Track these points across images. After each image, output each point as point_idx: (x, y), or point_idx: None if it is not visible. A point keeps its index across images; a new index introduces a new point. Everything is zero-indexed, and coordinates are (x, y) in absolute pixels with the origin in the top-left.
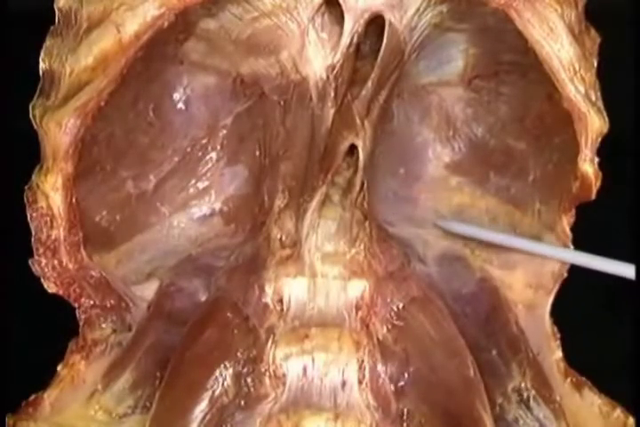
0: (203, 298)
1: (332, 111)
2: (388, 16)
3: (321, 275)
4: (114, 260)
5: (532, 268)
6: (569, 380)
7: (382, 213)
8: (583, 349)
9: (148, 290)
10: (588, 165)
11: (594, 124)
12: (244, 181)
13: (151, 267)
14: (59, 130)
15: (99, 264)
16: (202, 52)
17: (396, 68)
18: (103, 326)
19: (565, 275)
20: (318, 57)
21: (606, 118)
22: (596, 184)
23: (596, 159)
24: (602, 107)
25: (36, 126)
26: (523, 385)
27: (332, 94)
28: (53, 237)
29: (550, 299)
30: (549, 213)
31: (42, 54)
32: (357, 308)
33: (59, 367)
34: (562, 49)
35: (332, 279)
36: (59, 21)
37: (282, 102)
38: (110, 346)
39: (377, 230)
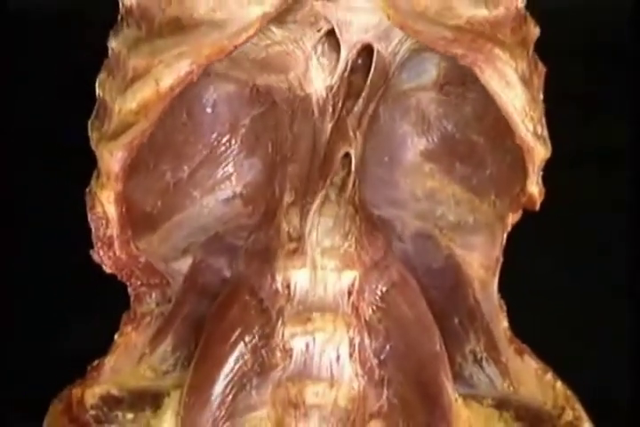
0: (227, 274)
1: (330, 125)
2: (376, 46)
3: (320, 267)
4: (157, 239)
5: (485, 251)
6: (513, 346)
7: (370, 198)
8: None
9: (184, 265)
10: (534, 188)
11: (539, 154)
12: (259, 171)
13: (186, 243)
14: (110, 158)
15: (145, 244)
16: (225, 66)
17: (382, 85)
18: (149, 301)
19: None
20: (319, 79)
21: (549, 147)
22: (539, 200)
23: (540, 180)
24: (546, 136)
25: (93, 148)
26: (477, 348)
27: (331, 110)
28: (108, 235)
29: (496, 279)
30: (502, 206)
31: (97, 83)
32: (349, 294)
33: (115, 336)
34: (515, 98)
35: (330, 271)
36: (110, 59)
37: (290, 112)
38: (155, 317)
39: (365, 224)
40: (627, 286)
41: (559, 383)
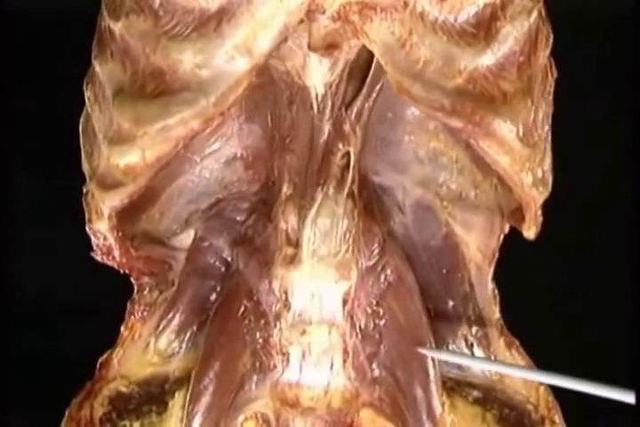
0: (227, 255)
1: (328, 125)
2: None
3: (318, 277)
4: (158, 213)
5: (483, 236)
6: (503, 338)
7: (371, 164)
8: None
9: (186, 239)
10: (531, 232)
11: (539, 201)
12: (259, 137)
13: (187, 212)
14: (102, 204)
15: (147, 222)
16: None
17: (382, 78)
18: (152, 291)
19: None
20: (318, 74)
21: (549, 186)
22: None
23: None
24: (548, 173)
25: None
26: (469, 335)
27: (330, 107)
28: (107, 245)
29: (492, 269)
30: (503, 195)
31: (86, 96)
32: (345, 303)
33: (122, 328)
34: (513, 162)
35: (327, 281)
36: (95, 82)
37: (288, 93)
38: (159, 305)
39: (364, 218)
40: (627, 286)
41: (543, 388)
